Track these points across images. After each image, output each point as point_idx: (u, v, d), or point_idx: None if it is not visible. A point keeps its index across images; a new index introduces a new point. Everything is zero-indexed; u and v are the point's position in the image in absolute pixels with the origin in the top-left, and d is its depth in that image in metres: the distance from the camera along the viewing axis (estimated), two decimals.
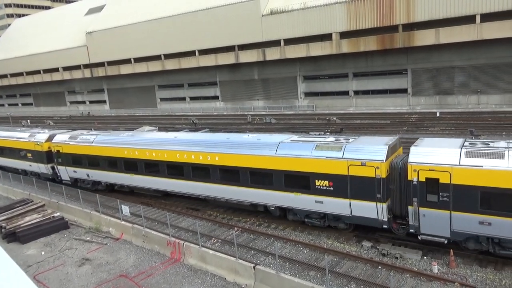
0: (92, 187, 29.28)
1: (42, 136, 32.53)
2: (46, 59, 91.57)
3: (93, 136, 28.67)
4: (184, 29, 68.06)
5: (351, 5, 51.81)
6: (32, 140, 32.90)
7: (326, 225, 19.03)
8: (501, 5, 42.76)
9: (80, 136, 29.66)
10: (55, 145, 30.70)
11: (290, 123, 50.85)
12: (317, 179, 18.07)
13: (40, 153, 32.21)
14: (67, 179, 31.00)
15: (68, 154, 29.75)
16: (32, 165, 33.74)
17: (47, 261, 20.28)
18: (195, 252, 18.12)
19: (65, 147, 29.85)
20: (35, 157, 32.90)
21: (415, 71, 52.85)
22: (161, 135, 26.87)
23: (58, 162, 30.90)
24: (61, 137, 30.83)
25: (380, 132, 39.33)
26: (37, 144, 32.25)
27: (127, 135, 28.19)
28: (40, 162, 32.61)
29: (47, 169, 32.31)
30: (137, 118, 73.17)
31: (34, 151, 32.81)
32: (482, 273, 14.81)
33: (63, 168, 30.75)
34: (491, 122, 39.31)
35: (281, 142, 19.80)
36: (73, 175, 30.36)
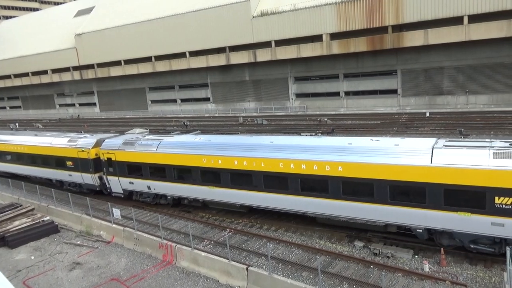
0: (152, 201, 25.53)
1: (88, 141, 28.40)
2: (34, 61, 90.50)
3: (156, 141, 24.55)
4: (174, 30, 67.84)
5: (341, 6, 52.14)
6: (75, 146, 28.64)
7: (501, 252, 15.02)
8: (487, 7, 43.40)
9: (138, 141, 25.50)
10: (106, 152, 26.45)
11: (281, 124, 50.95)
12: (498, 195, 14.43)
13: (86, 161, 27.81)
14: (119, 192, 26.92)
15: (122, 162, 25.54)
16: (72, 175, 29.42)
17: (37, 265, 20.01)
18: (187, 254, 18.04)
19: (119, 154, 25.62)
20: (78, 165, 28.56)
21: (404, 72, 53.35)
22: (249, 140, 22.15)
23: (109, 172, 26.64)
24: (113, 142, 26.61)
25: (371, 132, 39.62)
26: (82, 150, 27.93)
27: (203, 139, 23.65)
28: (84, 171, 28.24)
29: (93, 179, 28.08)
30: (128, 121, 72.67)
31: (77, 159, 28.47)
32: (472, 271, 14.98)
33: (115, 179, 26.44)
34: (480, 122, 39.83)
35: (435, 148, 15.99)
36: (128, 187, 26.09)
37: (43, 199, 28.32)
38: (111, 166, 26.49)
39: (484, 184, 14.45)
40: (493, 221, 14.56)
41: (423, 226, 16.06)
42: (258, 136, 23.65)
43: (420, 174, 15.60)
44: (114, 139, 27.52)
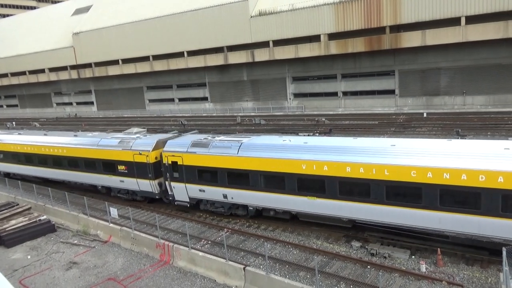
0: (227, 212, 22.39)
1: (146, 143, 24.74)
2: (32, 60, 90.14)
3: (235, 143, 21.21)
4: (172, 30, 67.73)
5: (339, 6, 52.20)
6: (130, 149, 25.07)
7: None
8: (484, 8, 43.56)
9: (212, 142, 22.10)
10: (170, 154, 23.11)
11: (279, 124, 50.98)
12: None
13: (144, 166, 24.31)
14: (184, 200, 23.66)
15: (192, 167, 22.26)
16: (125, 182, 25.86)
17: (33, 265, 19.95)
18: (184, 254, 18.02)
19: (188, 157, 22.33)
20: (133, 170, 25.01)
21: (402, 72, 53.48)
22: (362, 142, 18.52)
23: (173, 178, 23.35)
24: (179, 143, 23.44)
25: (369, 133, 39.70)
26: (140, 153, 24.41)
27: (295, 140, 20.23)
28: (141, 177, 24.73)
29: (153, 186, 24.57)
30: (126, 120, 72.54)
31: (132, 163, 24.92)
32: (468, 271, 15.04)
33: (181, 186, 23.13)
34: (477, 122, 39.98)
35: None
36: (197, 195, 22.80)
37: (39, 198, 28.23)
38: (176, 171, 23.06)
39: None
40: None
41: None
42: (376, 138, 20.51)
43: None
44: (179, 140, 24.27)
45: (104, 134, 29.89)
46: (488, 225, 14.62)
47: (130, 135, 28.39)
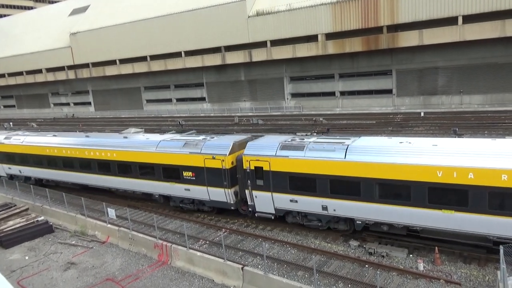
0: (324, 226, 19.06)
1: (220, 145, 21.54)
2: (29, 60, 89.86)
3: (339, 145, 18.01)
4: (170, 30, 67.64)
5: (336, 6, 52.26)
6: (199, 153, 21.72)
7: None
8: (481, 7, 43.68)
9: (306, 144, 18.87)
10: (253, 159, 19.82)
11: (277, 124, 51.00)
12: None
13: (217, 172, 21.05)
14: (268, 212, 20.24)
15: (281, 174, 19.10)
16: (192, 190, 22.53)
17: (31, 265, 19.91)
18: (182, 254, 18.02)
19: (276, 162, 19.12)
20: (202, 177, 21.76)
21: (399, 72, 53.58)
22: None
23: (256, 186, 20.01)
24: (263, 145, 20.17)
25: (366, 132, 39.75)
26: (213, 158, 21.13)
27: (425, 144, 16.87)
28: (214, 185, 21.47)
29: (228, 196, 21.27)
30: (123, 120, 72.41)
31: (202, 169, 21.65)
32: (466, 269, 15.09)
33: (266, 195, 19.84)
34: (474, 121, 40.11)
35: None
36: (286, 206, 19.54)
37: (37, 199, 28.15)
38: (261, 178, 19.78)
39: None
40: None
41: None
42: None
43: None
44: (261, 142, 20.86)
45: (163, 136, 25.99)
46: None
47: (195, 137, 24.64)
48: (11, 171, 33.97)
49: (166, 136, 25.97)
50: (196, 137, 24.11)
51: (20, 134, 34.45)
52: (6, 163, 34.09)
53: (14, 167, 33.50)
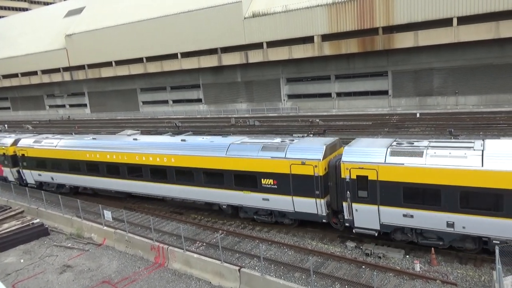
0: (446, 244, 16.15)
1: (312, 148, 18.50)
2: (24, 62, 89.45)
3: (470, 150, 15.43)
4: (166, 31, 67.56)
5: (332, 8, 52.42)
6: (285, 157, 18.74)
7: None
8: (476, 9, 43.98)
9: (424, 150, 16.04)
10: (355, 166, 16.83)
11: (273, 125, 51.04)
12: None
13: (307, 180, 18.22)
14: (371, 228, 17.17)
15: (392, 184, 16.17)
16: (272, 200, 19.63)
17: (26, 269, 19.77)
18: (179, 256, 17.97)
19: (386, 170, 16.20)
20: (287, 185, 18.91)
21: (395, 73, 53.80)
22: None
23: (357, 198, 17.08)
24: (366, 151, 17.09)
25: (363, 133, 39.86)
26: (302, 163, 18.12)
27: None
28: (302, 194, 18.51)
29: (319, 206, 18.37)
30: (119, 122, 72.20)
31: (287, 176, 18.76)
32: (462, 270, 15.15)
33: (370, 209, 16.87)
34: (469, 122, 40.31)
35: None
36: (397, 222, 16.51)
37: (32, 201, 27.98)
38: (364, 188, 16.85)
39: None
40: None
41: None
42: None
43: None
44: (363, 146, 17.69)
45: (229, 138, 23.05)
46: None
47: (268, 139, 21.71)
48: (41, 178, 30.72)
49: (232, 138, 23.01)
50: (272, 140, 21.24)
51: (50, 137, 31.47)
52: (35, 169, 30.75)
53: (45, 174, 30.18)
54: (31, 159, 30.70)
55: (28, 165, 31.16)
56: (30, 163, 30.87)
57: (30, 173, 31.35)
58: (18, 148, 31.46)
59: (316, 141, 20.13)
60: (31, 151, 30.55)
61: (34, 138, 32.03)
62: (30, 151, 30.62)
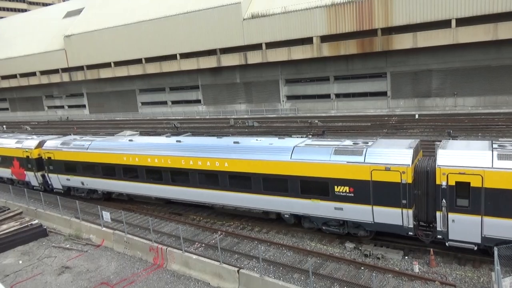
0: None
1: (397, 152, 16.63)
2: (23, 63, 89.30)
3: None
4: (165, 32, 67.56)
5: (331, 9, 52.49)
6: (364, 162, 16.86)
7: None
8: (474, 10, 44.07)
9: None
10: (453, 171, 15.11)
11: (272, 126, 51.06)
12: None
13: (393, 187, 16.33)
14: (471, 241, 15.36)
15: (499, 192, 14.51)
16: (346, 209, 17.61)
17: (25, 270, 19.73)
18: (178, 257, 17.95)
19: (495, 176, 14.50)
20: (365, 193, 16.96)
21: (394, 74, 53.88)
22: None
23: (455, 208, 15.35)
24: (466, 154, 15.42)
25: (362, 134, 39.90)
26: (386, 168, 16.32)
27: None
28: (384, 203, 16.70)
29: (406, 217, 16.42)
30: (118, 123, 72.15)
31: (366, 183, 16.85)
32: (461, 271, 15.17)
33: (472, 220, 15.13)
34: (468, 123, 40.39)
35: None
36: (505, 235, 14.74)
37: (31, 202, 27.93)
38: (465, 197, 15.09)
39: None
40: None
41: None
42: None
43: None
44: (457, 147, 16.18)
45: (288, 140, 21.13)
46: None
47: (338, 141, 19.49)
48: (70, 182, 28.69)
49: (292, 140, 20.93)
50: (341, 142, 19.17)
51: (79, 139, 29.56)
52: (63, 174, 28.71)
53: (75, 178, 28.13)
54: (59, 162, 28.57)
55: (55, 169, 29.08)
56: (58, 166, 28.82)
57: (57, 178, 29.33)
58: (44, 151, 29.31)
59: (397, 144, 17.90)
60: (59, 153, 28.41)
61: (61, 139, 30.09)
62: (58, 154, 28.48)
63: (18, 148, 31.38)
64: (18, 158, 31.46)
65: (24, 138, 33.00)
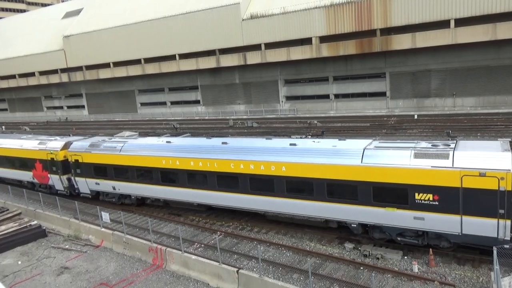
0: None
1: (491, 155, 14.94)
2: (21, 63, 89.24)
3: None
4: (164, 33, 67.57)
5: (330, 9, 52.54)
6: (452, 166, 15.16)
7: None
8: (473, 11, 44.16)
9: None
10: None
11: (271, 127, 51.07)
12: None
13: (488, 195, 14.66)
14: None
15: None
16: (428, 219, 15.89)
17: (24, 270, 19.70)
18: (177, 257, 17.94)
19: None
20: (454, 201, 15.28)
21: (393, 75, 53.95)
22: None
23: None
24: None
25: (361, 135, 39.94)
26: (480, 174, 14.65)
27: None
28: (477, 213, 15.02)
29: (503, 229, 14.80)
30: (117, 123, 72.10)
31: (455, 190, 15.17)
32: (460, 271, 15.18)
33: None
34: (467, 124, 40.45)
35: None
36: None
37: (30, 203, 27.90)
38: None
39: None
40: None
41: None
42: None
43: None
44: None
45: (355, 142, 19.24)
46: None
47: (413, 143, 17.68)
48: (100, 187, 26.92)
49: (360, 142, 18.96)
50: (420, 144, 17.35)
51: (108, 140, 27.89)
52: (92, 177, 26.94)
53: (105, 182, 26.37)
54: (88, 165, 26.76)
55: (82, 173, 27.30)
56: (86, 170, 26.99)
57: (84, 182, 27.55)
58: (71, 153, 27.55)
59: (485, 146, 16.02)
60: (87, 156, 26.63)
61: (89, 141, 28.42)
62: (86, 156, 26.70)
63: (41, 150, 29.48)
64: (41, 161, 29.50)
65: (46, 139, 31.26)
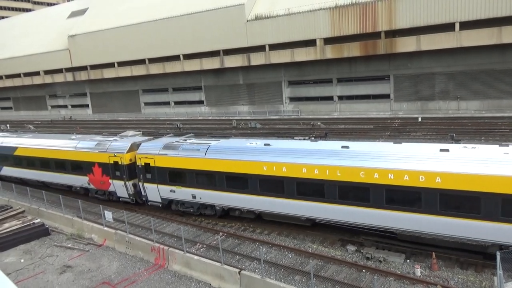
0: None
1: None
2: (26, 62, 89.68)
3: None
4: (168, 33, 67.74)
5: (334, 11, 52.50)
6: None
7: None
8: (478, 14, 44.01)
9: None
10: None
11: (275, 128, 51.05)
12: None
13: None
14: None
15: None
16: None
17: (26, 268, 19.78)
18: (179, 258, 17.96)
19: None
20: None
21: (397, 77, 53.81)
22: None
23: None
24: None
25: (364, 137, 39.83)
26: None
27: None
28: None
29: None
30: (121, 123, 72.28)
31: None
32: (463, 275, 15.10)
33: None
34: (471, 127, 40.26)
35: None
36: None
37: (33, 201, 28.02)
38: None
39: None
40: None
41: None
42: None
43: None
44: None
45: (427, 146, 17.34)
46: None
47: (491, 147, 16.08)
48: (175, 195, 23.56)
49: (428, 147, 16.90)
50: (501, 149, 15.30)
51: (185, 141, 24.36)
52: (166, 184, 23.64)
53: (183, 190, 23.05)
54: (161, 170, 23.48)
55: (154, 178, 23.97)
56: (159, 175, 23.69)
57: (156, 188, 24.15)
58: (140, 156, 24.35)
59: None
60: (162, 159, 23.36)
61: (161, 142, 25.10)
62: (160, 159, 23.42)
63: (101, 152, 26.25)
64: (101, 164, 26.30)
65: (105, 140, 28.03)
